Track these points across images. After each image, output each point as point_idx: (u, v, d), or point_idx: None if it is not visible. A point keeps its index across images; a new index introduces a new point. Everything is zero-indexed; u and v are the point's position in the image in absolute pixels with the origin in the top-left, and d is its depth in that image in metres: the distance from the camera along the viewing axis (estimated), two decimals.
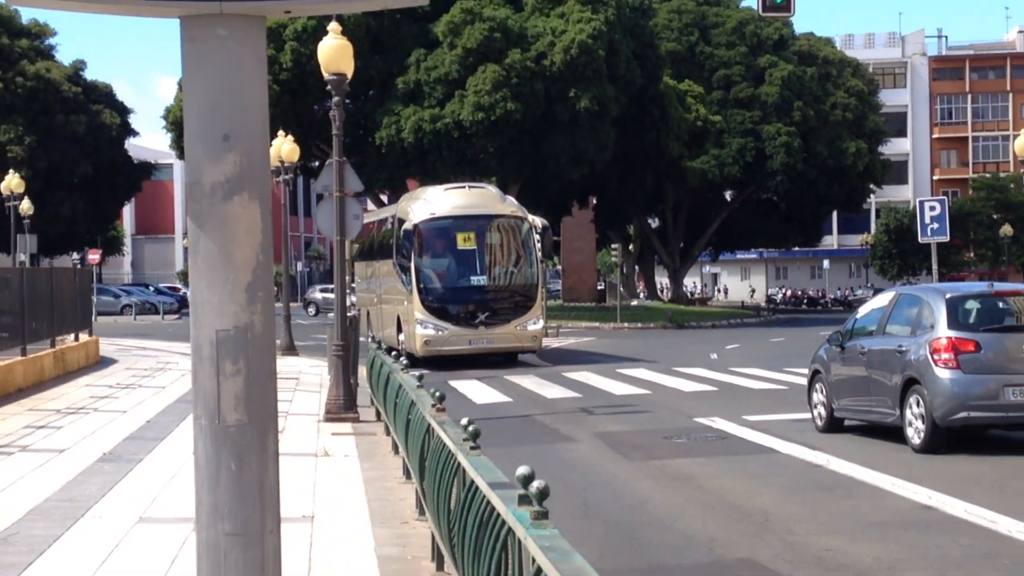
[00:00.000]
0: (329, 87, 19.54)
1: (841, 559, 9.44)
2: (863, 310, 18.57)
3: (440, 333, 28.97)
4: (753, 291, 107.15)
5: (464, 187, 32.72)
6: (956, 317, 15.30)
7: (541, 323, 30.75)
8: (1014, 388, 14.71)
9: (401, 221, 30.25)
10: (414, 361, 26.58)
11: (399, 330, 30.54)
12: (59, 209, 62.64)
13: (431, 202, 30.36)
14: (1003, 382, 14.75)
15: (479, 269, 29.63)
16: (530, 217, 30.39)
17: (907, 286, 22.82)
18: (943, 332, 15.02)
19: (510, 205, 30.89)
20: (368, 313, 35.46)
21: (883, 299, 17.88)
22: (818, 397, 17.55)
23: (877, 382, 16.11)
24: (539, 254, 30.40)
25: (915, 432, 15.02)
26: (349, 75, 19.49)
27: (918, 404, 14.98)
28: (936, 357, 14.87)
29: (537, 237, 29.85)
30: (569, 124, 50.77)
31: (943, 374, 14.75)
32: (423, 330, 28.88)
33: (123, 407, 20.19)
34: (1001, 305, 16.12)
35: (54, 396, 21.99)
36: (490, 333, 29.33)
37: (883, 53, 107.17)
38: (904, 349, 15.60)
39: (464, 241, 29.56)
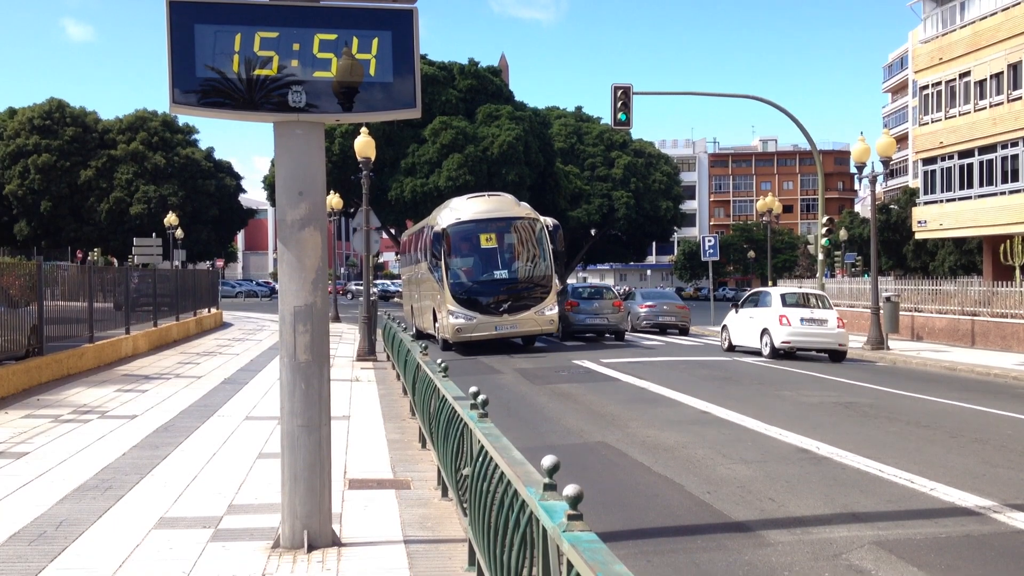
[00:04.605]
0: (360, 165, 19.39)
1: (655, 441, 9.54)
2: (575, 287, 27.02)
3: (470, 321, 20.79)
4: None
5: (484, 195, 23.37)
6: (571, 293, 24.62)
7: (556, 308, 21.68)
8: (591, 319, 24.00)
9: (432, 228, 22.27)
10: (447, 346, 21.37)
11: (435, 320, 22.35)
12: (199, 235, 61.29)
13: (456, 209, 22.15)
14: (588, 318, 24.04)
15: (501, 264, 21.30)
16: (542, 218, 21.97)
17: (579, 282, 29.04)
18: (568, 299, 24.38)
19: (524, 208, 22.29)
20: (411, 308, 26.91)
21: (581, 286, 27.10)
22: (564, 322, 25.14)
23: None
24: (551, 249, 21.59)
25: (563, 335, 24.64)
26: (372, 158, 19.35)
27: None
28: (568, 308, 24.01)
29: (549, 235, 21.60)
30: (502, 190, 50.49)
31: (570, 316, 24.09)
32: (454, 320, 20.78)
33: (237, 352, 19.88)
34: (591, 290, 25.41)
35: (195, 345, 21.65)
36: (513, 319, 20.93)
37: (682, 151, 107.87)
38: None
39: (487, 241, 21.40)
